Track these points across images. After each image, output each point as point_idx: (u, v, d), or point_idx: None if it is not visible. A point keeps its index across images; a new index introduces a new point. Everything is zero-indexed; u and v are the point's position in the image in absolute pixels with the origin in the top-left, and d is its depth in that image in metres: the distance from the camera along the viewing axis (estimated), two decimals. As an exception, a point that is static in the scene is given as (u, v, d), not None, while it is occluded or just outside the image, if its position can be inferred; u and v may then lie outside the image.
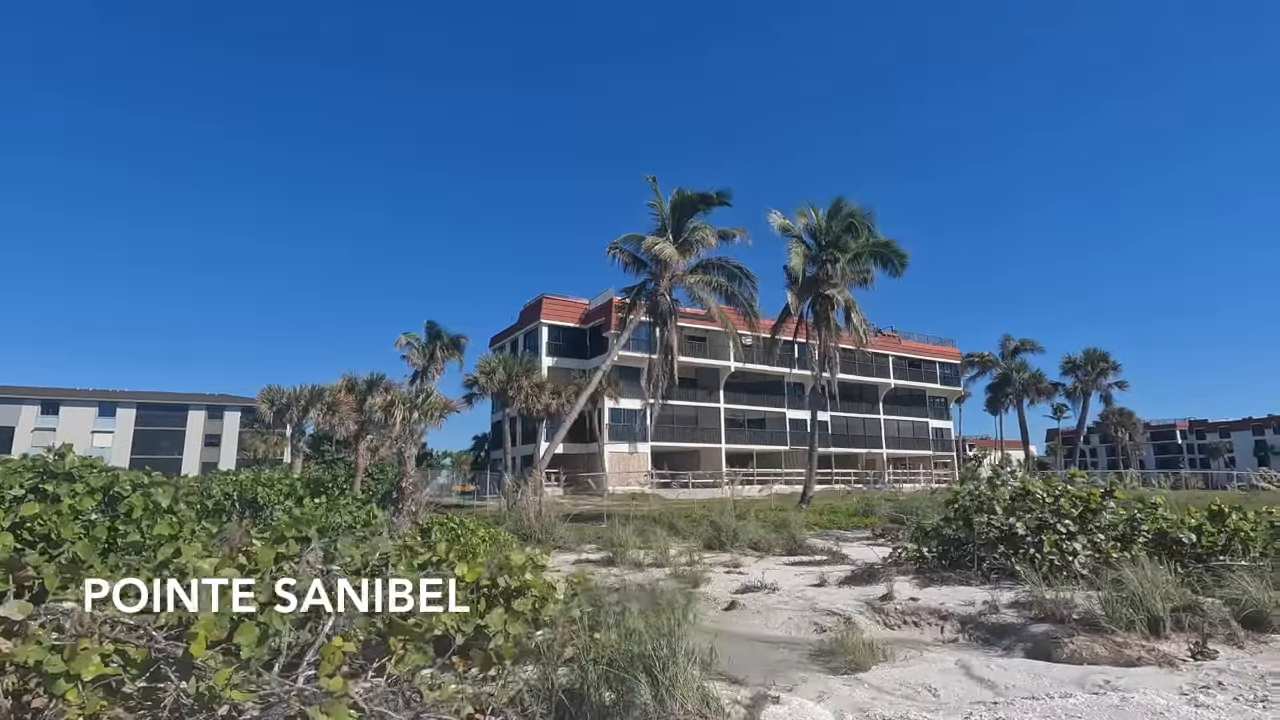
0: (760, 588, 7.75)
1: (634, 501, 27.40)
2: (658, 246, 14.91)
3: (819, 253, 18.12)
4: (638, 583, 8.58)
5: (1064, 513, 7.83)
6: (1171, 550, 7.62)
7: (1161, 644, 4.85)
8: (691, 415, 38.80)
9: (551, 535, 12.14)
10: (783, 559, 10.19)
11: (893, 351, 49.55)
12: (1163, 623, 4.98)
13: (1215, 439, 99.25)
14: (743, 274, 16.21)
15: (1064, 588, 6.04)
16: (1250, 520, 7.66)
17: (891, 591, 6.96)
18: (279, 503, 12.07)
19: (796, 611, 6.86)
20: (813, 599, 7.22)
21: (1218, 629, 4.94)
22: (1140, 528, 7.83)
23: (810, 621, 6.58)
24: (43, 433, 59.63)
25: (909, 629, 6.46)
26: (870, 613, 6.72)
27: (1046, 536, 7.41)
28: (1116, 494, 8.20)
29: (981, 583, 7.70)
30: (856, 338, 19.13)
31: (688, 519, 14.39)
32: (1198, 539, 7.50)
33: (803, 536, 11.56)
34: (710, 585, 8.09)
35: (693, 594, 7.79)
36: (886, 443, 48.23)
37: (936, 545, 8.81)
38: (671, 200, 15.49)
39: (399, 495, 12.61)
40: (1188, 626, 5.02)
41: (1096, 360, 31.24)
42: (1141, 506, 8.09)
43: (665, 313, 16.17)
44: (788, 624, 6.66)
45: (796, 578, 8.54)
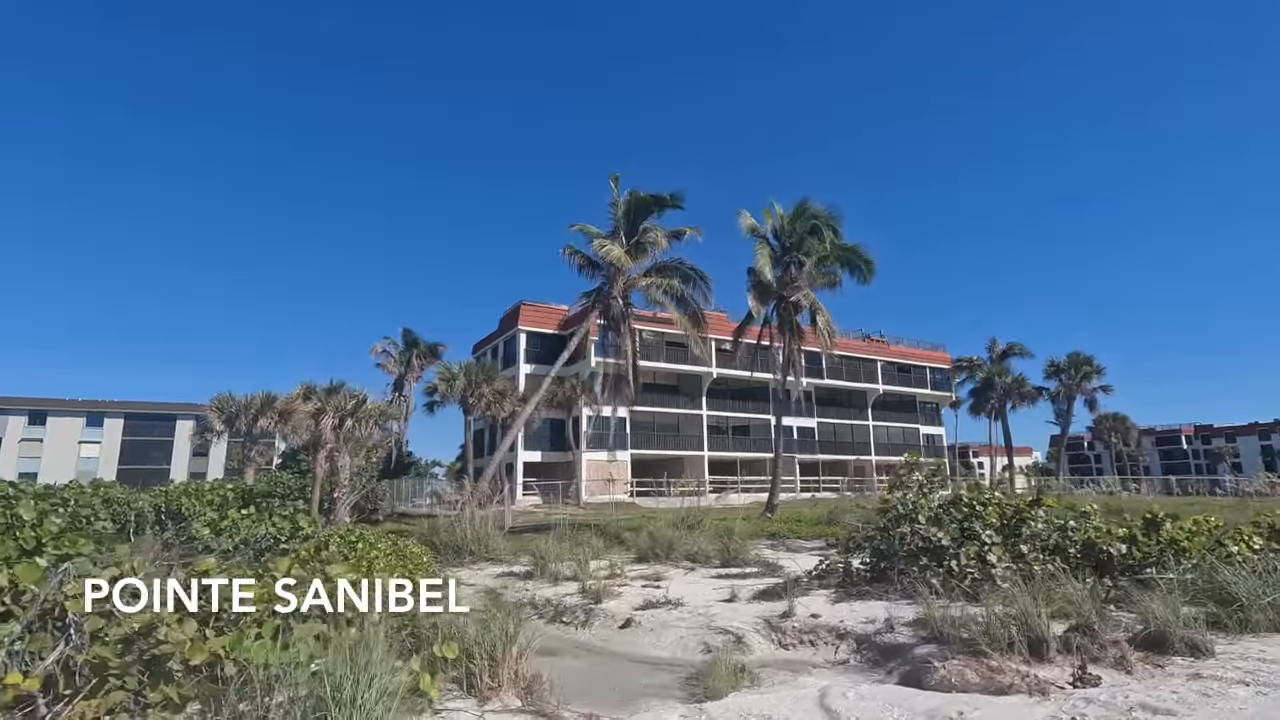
0: (665, 604, 7.32)
1: (609, 510, 26.92)
2: (605, 248, 14.55)
3: (783, 255, 17.75)
4: (545, 598, 8.18)
5: (989, 522, 7.39)
6: (1101, 562, 7.19)
7: (1043, 668, 4.41)
8: (673, 422, 38.33)
9: (486, 547, 11.70)
10: (713, 571, 9.74)
11: (881, 356, 49.06)
12: (1046, 644, 4.54)
13: (1221, 444, 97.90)
14: (697, 275, 15.88)
15: (985, 602, 5.61)
16: (1185, 530, 7.22)
17: (793, 608, 6.53)
18: (201, 514, 11.68)
19: (691, 630, 6.44)
20: (714, 616, 6.79)
21: (1107, 651, 4.50)
22: (1073, 538, 7.39)
23: (700, 641, 6.16)
24: (30, 443, 59.34)
25: (804, 649, 6.03)
26: (767, 631, 6.29)
27: (965, 548, 6.97)
28: (1047, 502, 7.77)
29: (901, 597, 7.27)
30: (823, 342, 18.73)
31: (633, 530, 13.94)
32: (1128, 550, 7.06)
33: (744, 548, 11.11)
34: (617, 600, 7.67)
35: (593, 610, 7.39)
36: (876, 449, 47.63)
37: (868, 556, 8.38)
38: (626, 201, 15.14)
39: (330, 505, 12.22)
40: (1076, 648, 4.58)
41: (1080, 364, 30.67)
42: (1075, 516, 7.63)
43: (618, 317, 15.77)
44: (677, 644, 6.23)
45: (714, 592, 8.09)
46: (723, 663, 4.99)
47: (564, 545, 12.00)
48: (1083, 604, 6.00)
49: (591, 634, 6.88)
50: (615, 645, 6.46)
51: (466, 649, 4.10)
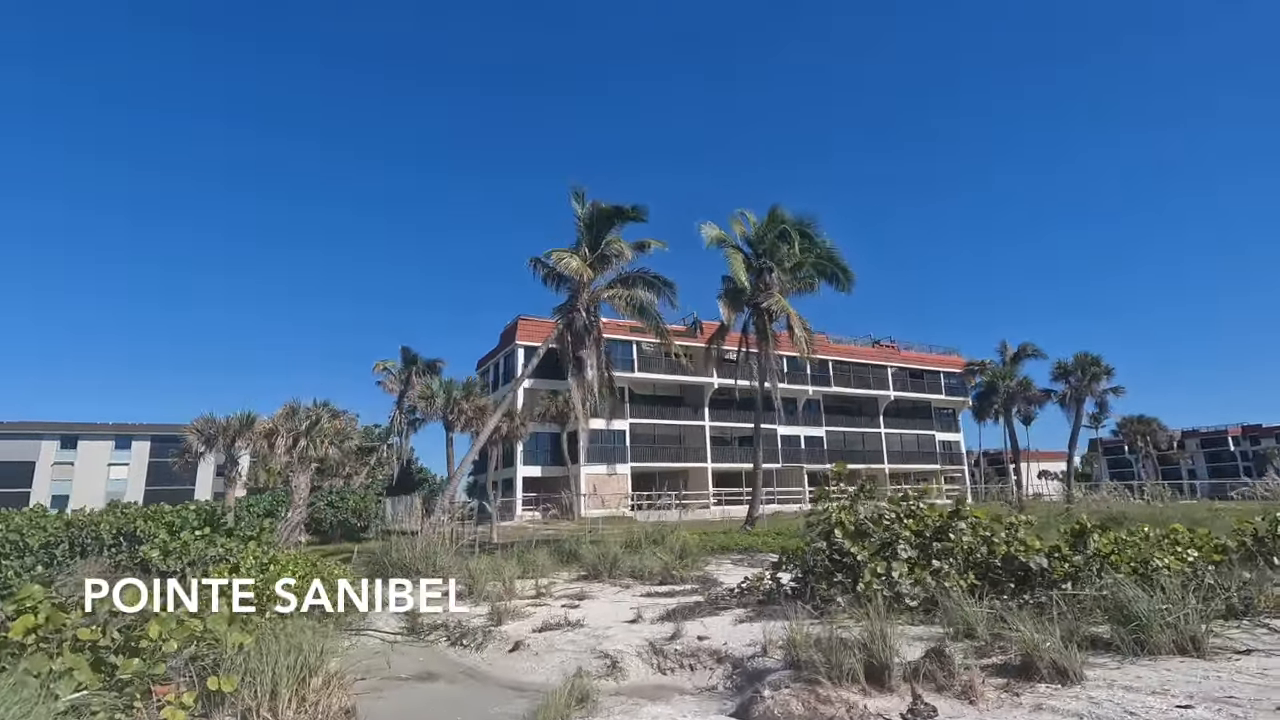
0: (565, 625, 7.10)
1: (604, 525, 26.66)
2: (563, 260, 14.46)
3: (756, 261, 17.47)
4: (459, 619, 8.01)
5: (905, 536, 7.02)
6: (1022, 578, 6.78)
7: (880, 698, 4.10)
8: (675, 434, 37.97)
9: (433, 566, 11.56)
10: (646, 589, 9.47)
11: (891, 363, 48.14)
12: (889, 671, 4.22)
13: (1271, 444, 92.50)
14: (661, 283, 15.65)
15: (835, 622, 5.30)
16: (1113, 541, 6.78)
17: (680, 630, 6.26)
18: (155, 535, 11.78)
19: (575, 654, 6.21)
20: (607, 638, 6.55)
21: (956, 679, 4.16)
22: (996, 551, 6.99)
23: (578, 666, 5.91)
24: (62, 466, 61.33)
25: (682, 673, 5.76)
26: (649, 654, 6.03)
27: (870, 565, 6.62)
28: (973, 513, 7.37)
29: (810, 617, 6.93)
30: (800, 348, 18.33)
31: (597, 543, 13.71)
32: (1049, 564, 6.64)
33: (689, 565, 10.83)
34: (521, 622, 7.47)
35: (491, 632, 7.21)
36: (889, 458, 46.58)
37: (800, 573, 8.05)
38: (588, 213, 15.06)
39: (285, 524, 12.23)
40: (924, 676, 4.25)
41: (1088, 365, 29.46)
42: (1002, 528, 7.22)
43: (581, 330, 15.65)
44: (556, 668, 6.00)
45: (629, 612, 7.83)
46: (567, 691, 4.76)
47: (510, 563, 11.85)
48: (976, 624, 5.66)
49: (482, 657, 6.70)
50: (497, 669, 6.27)
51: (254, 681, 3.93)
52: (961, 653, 5.32)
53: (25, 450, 60.63)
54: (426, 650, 7.36)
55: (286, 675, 3.94)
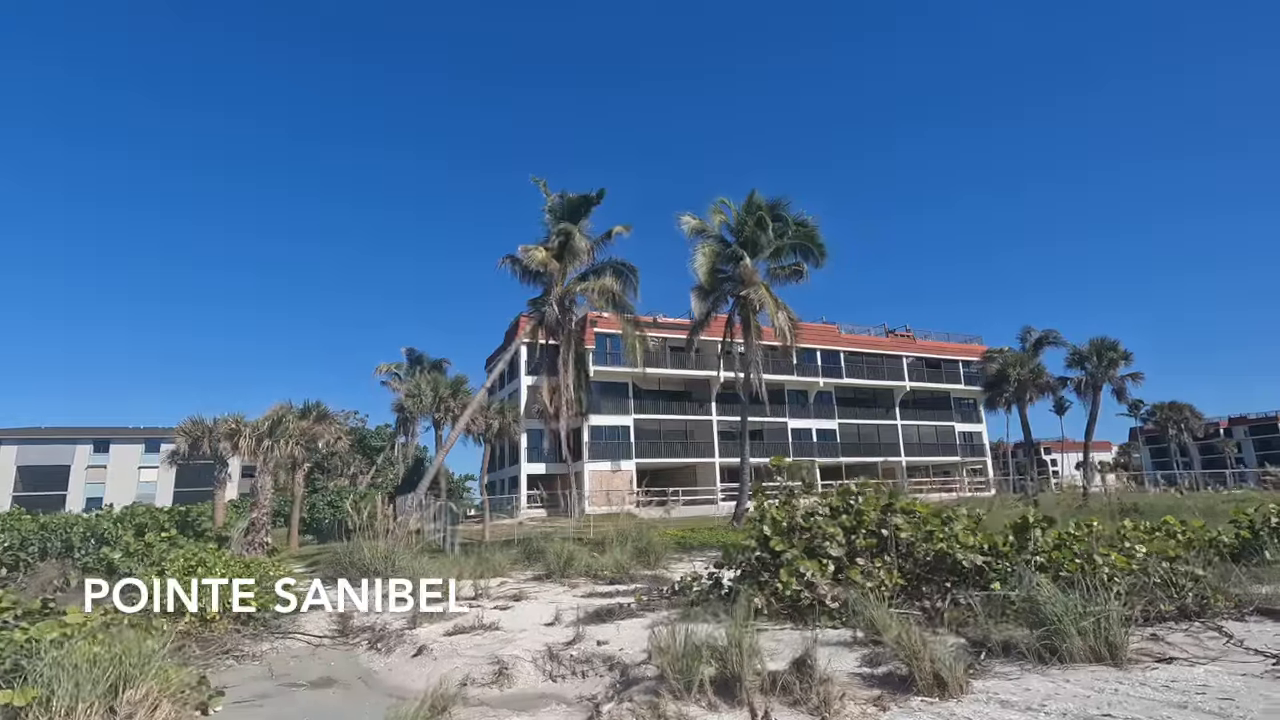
0: (478, 628, 6.87)
1: (605, 523, 26.47)
2: (529, 253, 14.22)
3: (738, 248, 16.96)
4: (385, 621, 7.84)
5: (833, 534, 6.62)
6: (959, 577, 6.33)
7: (726, 713, 3.76)
8: (681, 429, 37.57)
9: (392, 566, 11.45)
10: (594, 588, 9.22)
11: (907, 352, 46.97)
12: (740, 683, 3.87)
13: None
14: (628, 270, 15.31)
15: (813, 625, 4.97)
16: (1053, 537, 6.28)
17: (581, 634, 5.97)
18: (121, 538, 11.89)
19: (473, 659, 5.97)
20: (511, 641, 6.31)
21: (813, 692, 3.80)
22: (932, 549, 6.54)
23: (467, 673, 5.67)
24: (95, 469, 63.45)
25: (572, 680, 5.46)
26: (545, 660, 5.74)
27: (788, 565, 6.24)
28: (904, 506, 6.92)
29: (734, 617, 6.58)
30: (782, 338, 17.78)
31: (574, 540, 13.51)
32: (985, 563, 6.18)
33: (649, 564, 10.52)
34: (441, 624, 7.26)
35: (404, 635, 7.02)
36: (906, 450, 45.47)
37: (738, 571, 7.69)
38: (555, 204, 14.79)
39: (250, 526, 12.27)
40: (781, 688, 3.90)
41: (1105, 350, 28.04)
42: (939, 523, 6.76)
43: (554, 324, 15.39)
44: (447, 674, 5.75)
45: (562, 612, 7.58)
46: (421, 702, 4.50)
47: (469, 563, 11.70)
48: (884, 629, 5.26)
49: (387, 662, 6.50)
50: (392, 675, 6.06)
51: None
52: (860, 660, 4.95)
53: (61, 454, 62.86)
54: (345, 653, 7.19)
55: (91, 687, 3.75)
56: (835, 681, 3.91)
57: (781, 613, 6.27)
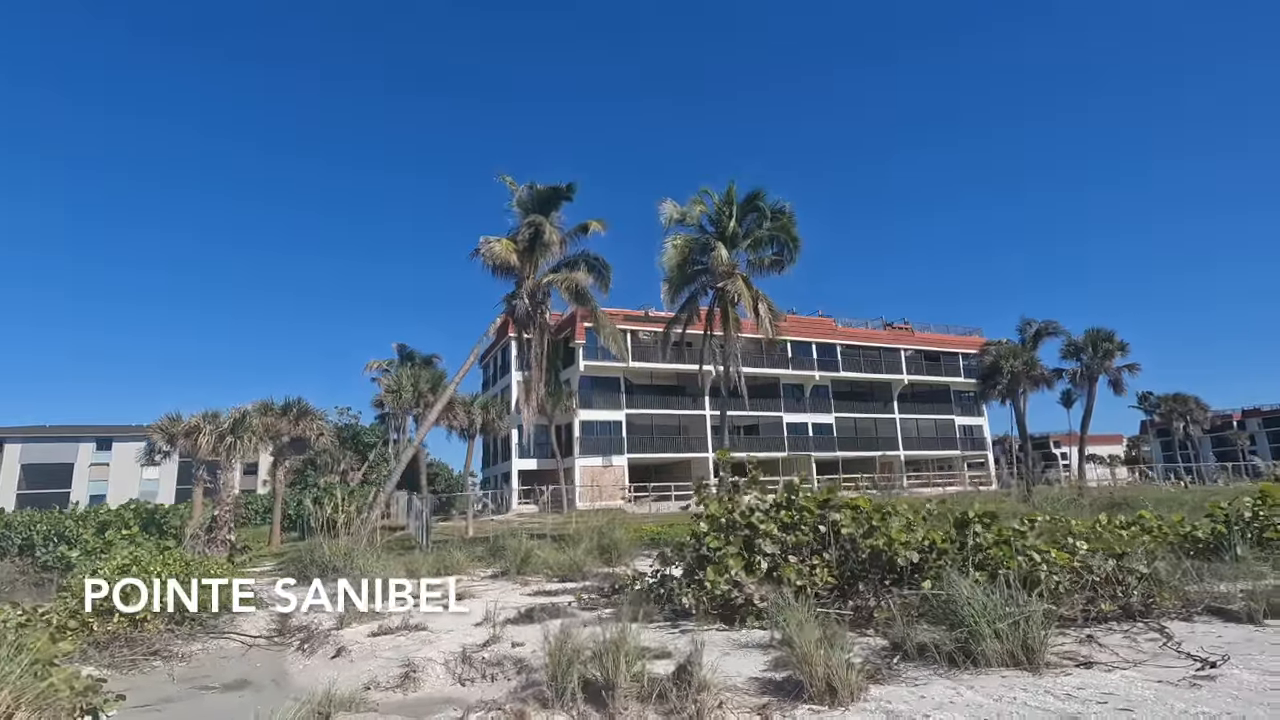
0: (403, 628, 6.69)
1: (593, 518, 26.33)
2: (490, 245, 13.97)
3: (712, 239, 16.66)
4: (319, 621, 7.69)
5: (768, 531, 6.38)
6: (897, 575, 6.08)
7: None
8: (674, 424, 37.32)
9: (352, 564, 11.31)
10: (542, 586, 9.04)
11: (905, 345, 46.51)
12: (612, 692, 3.66)
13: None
14: (600, 265, 15.03)
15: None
16: (994, 533, 6.02)
17: (497, 635, 5.78)
18: (80, 536, 11.79)
19: (388, 661, 5.80)
20: (430, 642, 6.13)
21: (688, 702, 3.58)
22: (865, 546, 6.29)
23: (373, 675, 5.49)
24: (98, 467, 63.89)
25: (482, 683, 5.25)
26: (458, 663, 5.54)
27: (716, 563, 6.01)
28: (860, 503, 6.67)
29: (666, 619, 6.38)
30: (763, 330, 17.50)
31: (539, 537, 13.37)
32: (920, 559, 5.93)
33: (609, 561, 10.32)
34: (370, 623, 7.09)
35: (330, 635, 6.87)
36: (904, 444, 45.07)
37: (682, 570, 7.48)
38: (524, 196, 14.53)
39: (213, 524, 12.15)
40: (657, 696, 3.68)
41: (1100, 341, 27.48)
42: (880, 519, 6.50)
43: (524, 318, 15.16)
44: (358, 677, 5.57)
45: (502, 611, 7.39)
46: (301, 707, 4.31)
47: (427, 560, 11.54)
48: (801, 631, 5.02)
49: (308, 663, 6.35)
50: (306, 678, 5.90)
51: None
52: (769, 664, 4.73)
53: (64, 453, 63.32)
54: (275, 654, 7.05)
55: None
56: (716, 689, 3.68)
57: (712, 613, 6.05)
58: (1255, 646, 4.66)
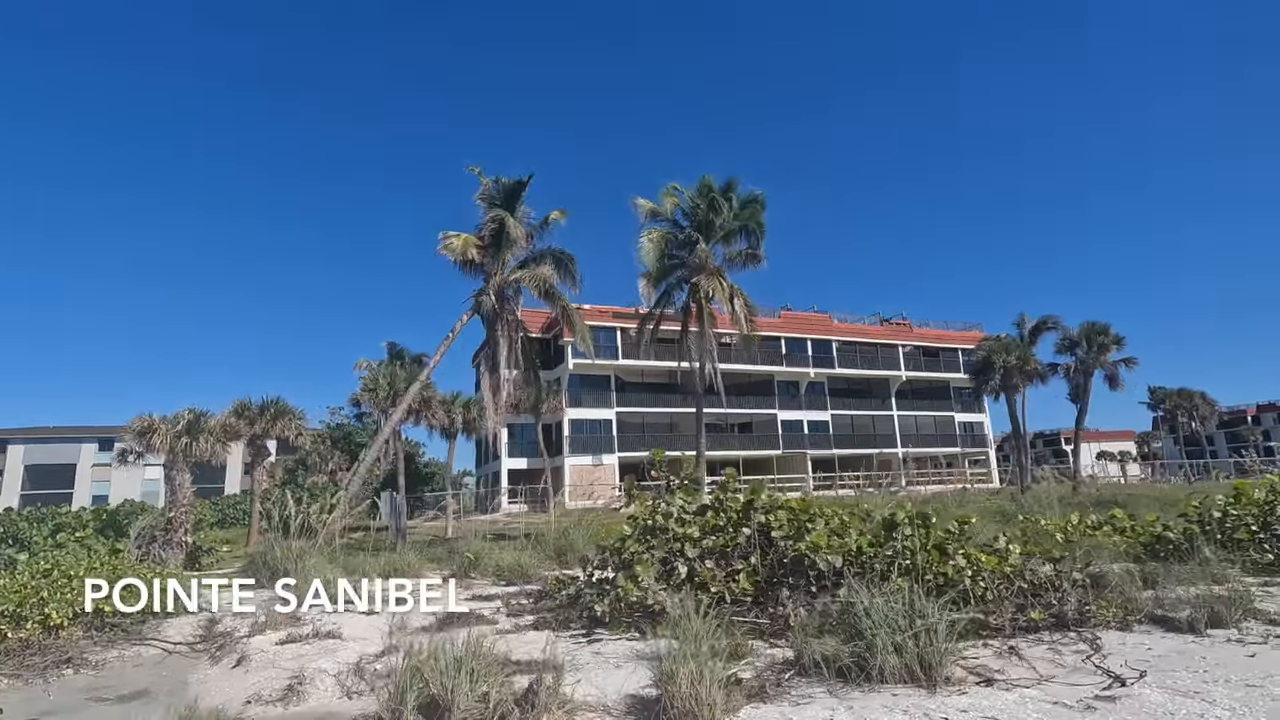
0: (313, 635, 6.44)
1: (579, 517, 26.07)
2: (448, 241, 13.72)
3: (690, 233, 16.36)
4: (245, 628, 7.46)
5: (690, 536, 6.08)
6: (823, 582, 5.77)
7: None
8: (666, 422, 36.99)
9: (302, 564, 11.10)
10: (482, 590, 8.79)
11: (903, 341, 45.96)
12: (449, 713, 3.38)
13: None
14: (566, 259, 14.75)
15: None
16: (920, 536, 5.69)
17: (394, 645, 5.48)
18: (33, 537, 11.67)
19: (279, 672, 5.53)
20: (333, 651, 5.86)
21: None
22: (791, 551, 5.98)
23: (256, 689, 5.23)
24: (101, 468, 64.15)
25: (368, 697, 4.97)
26: (349, 675, 5.28)
27: (628, 571, 5.72)
28: (792, 504, 6.36)
29: (582, 627, 6.10)
30: (738, 325, 17.19)
31: (492, 538, 13.14)
32: (844, 565, 5.62)
33: (565, 563, 10.07)
34: (284, 629, 6.83)
35: (240, 641, 6.62)
36: (902, 441, 44.54)
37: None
38: (490, 190, 14.26)
39: (169, 525, 11.97)
40: (501, 717, 3.39)
41: (1095, 335, 26.89)
42: (805, 522, 6.19)
43: (490, 315, 14.89)
44: (251, 687, 5.33)
45: (418, 619, 7.14)
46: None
47: (376, 562, 11.29)
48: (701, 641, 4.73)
49: (209, 673, 6.10)
50: (198, 688, 5.63)
51: None
52: (652, 679, 4.43)
53: (67, 453, 63.73)
54: (189, 662, 6.81)
55: None
56: (570, 709, 3.40)
57: (626, 621, 5.77)
58: (1184, 660, 4.33)
